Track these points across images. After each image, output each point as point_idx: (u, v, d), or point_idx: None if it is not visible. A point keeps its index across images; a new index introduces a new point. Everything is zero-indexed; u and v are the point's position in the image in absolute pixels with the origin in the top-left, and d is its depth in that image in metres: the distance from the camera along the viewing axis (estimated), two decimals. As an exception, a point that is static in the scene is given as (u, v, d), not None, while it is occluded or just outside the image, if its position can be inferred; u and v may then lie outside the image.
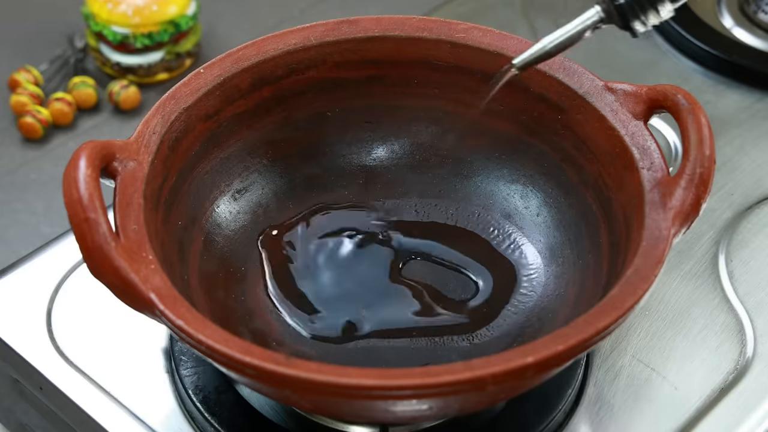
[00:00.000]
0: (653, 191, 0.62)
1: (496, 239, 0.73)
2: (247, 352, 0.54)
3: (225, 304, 0.67)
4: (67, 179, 0.57)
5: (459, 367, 0.53)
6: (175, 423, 0.67)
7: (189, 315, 0.55)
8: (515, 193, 0.74)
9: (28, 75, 1.08)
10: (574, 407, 0.69)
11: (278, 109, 0.73)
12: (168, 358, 0.70)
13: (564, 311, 0.67)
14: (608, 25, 0.65)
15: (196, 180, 0.69)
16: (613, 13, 0.65)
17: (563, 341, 0.54)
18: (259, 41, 0.71)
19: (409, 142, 0.76)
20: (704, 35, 0.99)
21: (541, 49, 0.66)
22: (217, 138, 0.70)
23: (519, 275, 0.70)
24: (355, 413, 0.61)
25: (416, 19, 0.73)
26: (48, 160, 1.04)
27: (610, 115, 0.66)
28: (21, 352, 0.71)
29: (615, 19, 0.65)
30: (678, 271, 0.77)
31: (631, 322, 0.73)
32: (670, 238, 0.59)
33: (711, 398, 0.70)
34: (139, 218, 0.59)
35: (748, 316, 0.75)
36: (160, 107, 0.66)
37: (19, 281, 0.75)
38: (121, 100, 1.07)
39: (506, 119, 0.73)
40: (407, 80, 0.74)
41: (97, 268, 0.57)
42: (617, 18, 0.65)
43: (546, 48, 0.66)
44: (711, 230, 0.81)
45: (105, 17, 1.08)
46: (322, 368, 0.53)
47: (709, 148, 0.62)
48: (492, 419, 0.67)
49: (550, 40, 0.66)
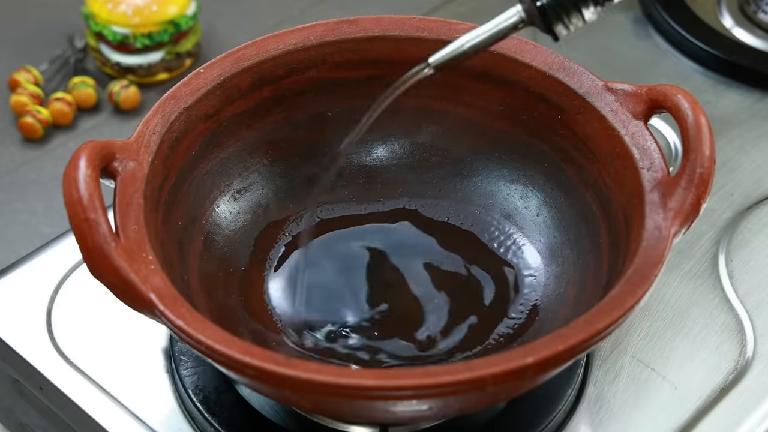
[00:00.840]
0: (653, 191, 0.62)
1: (496, 239, 0.73)
2: (247, 352, 0.54)
3: (225, 304, 0.67)
4: (67, 179, 0.57)
5: (459, 367, 0.53)
6: (175, 423, 0.67)
7: (189, 315, 0.55)
8: (515, 193, 0.74)
9: (28, 75, 1.08)
10: (574, 407, 0.69)
11: (278, 109, 0.73)
12: (168, 358, 0.70)
13: (564, 311, 0.67)
14: (530, 26, 0.62)
15: (196, 180, 0.69)
16: (534, 14, 0.61)
17: (563, 341, 0.54)
18: (259, 41, 0.71)
19: (409, 142, 0.76)
20: (704, 35, 0.99)
21: (458, 48, 0.64)
22: (217, 138, 0.70)
23: (519, 275, 0.70)
24: (355, 413, 0.61)
25: (416, 19, 0.73)
26: (48, 160, 1.04)
27: (610, 115, 0.66)
28: (21, 352, 0.71)
29: (537, 20, 0.62)
30: (678, 271, 0.77)
31: (631, 322, 0.73)
32: (670, 238, 0.59)
33: (711, 398, 0.70)
34: (139, 218, 0.59)
35: (748, 316, 0.75)
36: (160, 107, 0.66)
37: (19, 281, 0.75)
38: (121, 100, 1.07)
39: (506, 119, 0.73)
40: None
41: (97, 268, 0.57)
42: (539, 20, 0.61)
43: (463, 48, 0.63)
44: (711, 230, 0.81)
45: (105, 17, 1.08)
46: (322, 368, 0.53)
47: (709, 148, 0.62)
48: (492, 419, 0.67)
49: (467, 40, 0.63)
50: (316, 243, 0.72)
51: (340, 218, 0.74)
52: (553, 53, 0.70)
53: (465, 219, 0.74)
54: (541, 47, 0.71)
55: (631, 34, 1.02)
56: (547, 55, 0.70)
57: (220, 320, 0.62)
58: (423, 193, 0.75)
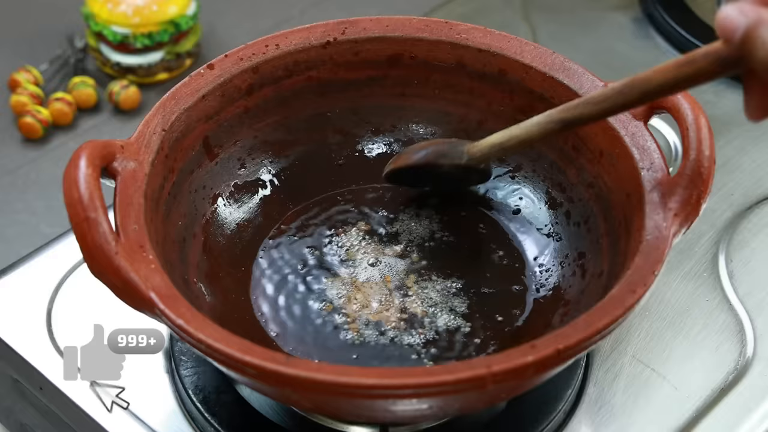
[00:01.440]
0: (653, 191, 0.62)
1: (496, 240, 0.73)
2: (247, 352, 0.54)
3: (225, 303, 0.67)
4: (68, 179, 0.57)
5: (459, 366, 0.53)
6: (175, 423, 0.67)
7: (189, 314, 0.55)
8: (515, 193, 0.74)
9: (28, 75, 1.08)
10: (574, 407, 0.69)
11: (278, 110, 0.73)
12: (168, 358, 0.70)
13: (564, 311, 0.67)
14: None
15: (197, 180, 0.69)
16: None
17: (563, 341, 0.54)
18: (259, 41, 0.71)
19: (409, 142, 0.76)
20: (704, 35, 0.99)
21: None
22: (217, 138, 0.70)
23: (519, 276, 0.70)
24: (356, 413, 0.61)
25: (416, 19, 0.73)
26: (48, 160, 1.04)
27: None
28: (21, 352, 0.71)
29: None
30: (678, 271, 0.77)
31: (631, 322, 0.73)
32: (670, 238, 0.59)
33: (711, 398, 0.70)
34: (139, 218, 0.59)
35: (748, 316, 0.75)
36: (160, 107, 0.66)
37: (19, 281, 0.75)
38: (121, 100, 1.07)
39: (506, 119, 0.73)
40: (407, 80, 0.74)
41: (98, 268, 0.57)
42: None
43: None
44: (711, 230, 0.81)
45: (105, 17, 1.08)
46: (322, 368, 0.53)
47: (709, 148, 0.62)
48: (492, 419, 0.67)
49: None
50: (316, 243, 0.72)
51: (339, 218, 0.74)
52: (553, 53, 0.70)
53: (465, 219, 0.74)
54: (541, 47, 0.71)
55: (631, 34, 1.03)
56: (547, 56, 0.70)
57: (221, 319, 0.62)
58: (423, 193, 0.75)
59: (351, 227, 0.73)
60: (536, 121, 0.64)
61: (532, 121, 0.64)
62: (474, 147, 0.69)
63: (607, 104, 0.60)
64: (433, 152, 0.70)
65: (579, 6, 1.07)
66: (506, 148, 0.67)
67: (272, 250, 0.71)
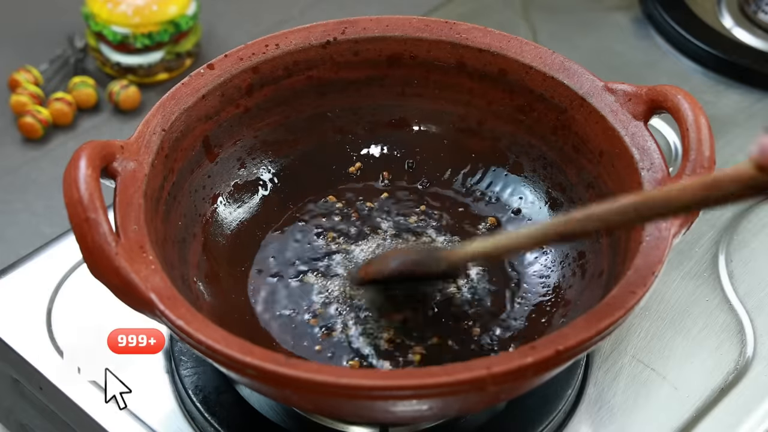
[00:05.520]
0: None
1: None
2: (247, 352, 0.54)
3: (225, 303, 0.67)
4: (67, 179, 0.57)
5: (459, 367, 0.53)
6: (175, 423, 0.67)
7: (189, 315, 0.55)
8: (515, 193, 0.74)
9: (28, 75, 1.08)
10: (574, 407, 0.69)
11: (278, 110, 0.73)
12: (168, 358, 0.70)
13: (564, 311, 0.67)
14: None
15: (197, 180, 0.69)
16: None
17: (563, 341, 0.54)
18: (259, 41, 0.71)
19: (409, 142, 0.76)
20: (704, 35, 0.99)
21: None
22: (218, 138, 0.70)
23: (519, 276, 0.70)
24: (356, 413, 0.61)
25: (416, 19, 0.73)
26: (48, 160, 1.04)
27: (610, 116, 0.66)
28: (21, 352, 0.71)
29: None
30: (678, 271, 0.77)
31: (631, 322, 0.73)
32: (670, 238, 0.59)
33: (711, 398, 0.70)
34: (139, 218, 0.59)
35: (748, 316, 0.75)
36: (160, 107, 0.66)
37: (19, 281, 0.75)
38: (121, 100, 1.07)
39: (506, 119, 0.73)
40: (407, 80, 0.74)
41: (98, 268, 0.57)
42: None
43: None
44: (711, 230, 0.81)
45: (105, 17, 1.08)
46: (323, 368, 0.54)
47: (709, 148, 0.62)
48: (492, 419, 0.67)
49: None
50: (316, 243, 0.72)
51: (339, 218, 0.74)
52: (553, 53, 0.70)
53: (464, 219, 0.74)
54: (541, 47, 0.71)
55: (631, 34, 1.03)
56: (547, 56, 0.70)
57: (220, 320, 0.62)
58: (423, 193, 0.75)
59: (351, 227, 0.73)
60: (526, 233, 0.60)
61: (521, 233, 0.61)
62: (453, 255, 0.64)
63: (624, 218, 0.56)
64: (409, 262, 0.66)
65: (579, 6, 1.07)
66: (490, 258, 0.65)
67: (272, 250, 0.71)
